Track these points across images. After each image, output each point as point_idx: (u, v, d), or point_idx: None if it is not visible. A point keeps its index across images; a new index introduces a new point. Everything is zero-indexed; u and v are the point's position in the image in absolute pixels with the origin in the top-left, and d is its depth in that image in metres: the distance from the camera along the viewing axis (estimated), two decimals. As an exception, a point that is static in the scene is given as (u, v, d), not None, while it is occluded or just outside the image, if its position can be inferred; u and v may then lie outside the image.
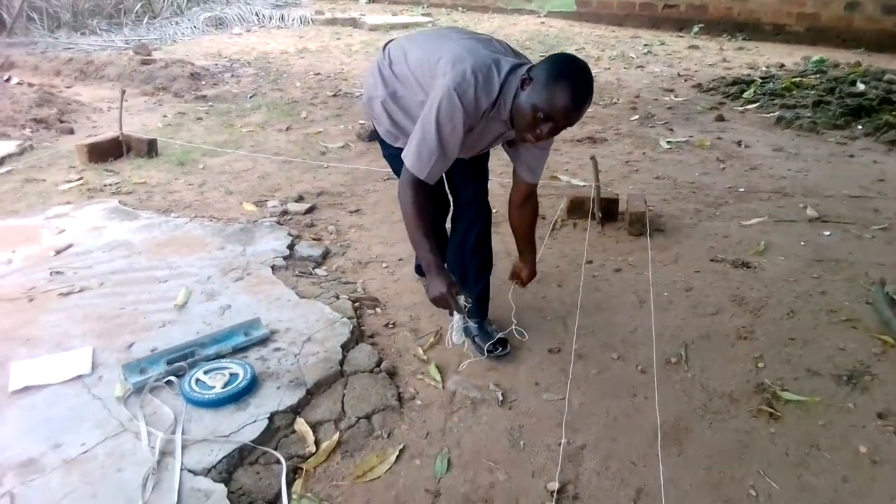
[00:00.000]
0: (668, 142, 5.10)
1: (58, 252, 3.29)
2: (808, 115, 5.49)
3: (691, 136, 5.23)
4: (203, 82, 7.01)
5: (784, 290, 3.02)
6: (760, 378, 2.43)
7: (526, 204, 2.40)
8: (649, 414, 2.24)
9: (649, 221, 3.60)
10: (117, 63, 7.25)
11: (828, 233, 3.57)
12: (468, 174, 2.45)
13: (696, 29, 9.59)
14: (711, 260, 3.30)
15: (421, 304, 2.91)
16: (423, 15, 12.35)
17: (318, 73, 7.79)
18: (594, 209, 3.64)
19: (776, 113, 5.65)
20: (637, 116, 5.83)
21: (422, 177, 2.01)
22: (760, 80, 6.59)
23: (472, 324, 2.58)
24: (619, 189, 4.04)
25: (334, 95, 6.73)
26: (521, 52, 2.18)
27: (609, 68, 7.73)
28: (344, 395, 2.33)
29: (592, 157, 3.58)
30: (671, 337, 2.69)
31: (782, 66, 7.46)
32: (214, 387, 2.25)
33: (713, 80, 6.86)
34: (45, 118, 5.37)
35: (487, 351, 2.49)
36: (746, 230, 3.63)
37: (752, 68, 7.46)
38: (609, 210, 3.69)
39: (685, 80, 7.07)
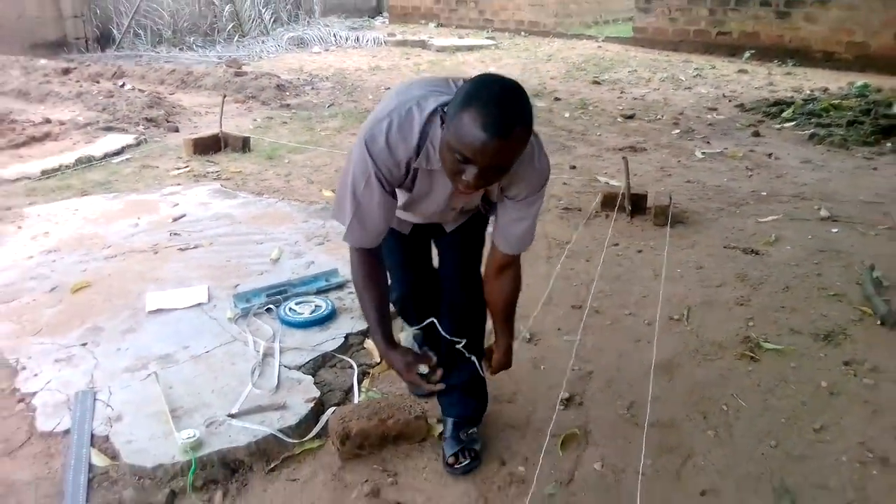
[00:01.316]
0: (703, 152, 5.56)
1: (174, 220, 4.02)
2: (841, 132, 5.86)
3: (726, 148, 5.68)
4: (287, 93, 7.82)
5: (784, 272, 3.47)
6: (748, 333, 2.91)
7: (502, 276, 1.96)
8: (648, 353, 2.75)
9: (673, 215, 4.10)
10: (213, 74, 8.17)
11: (835, 230, 3.99)
12: (448, 250, 2.15)
13: (747, 55, 9.95)
14: (724, 247, 3.78)
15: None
16: (487, 38, 13.04)
17: (388, 88, 8.53)
18: (624, 203, 4.16)
19: (811, 130, 6.03)
20: (678, 131, 6.30)
21: (348, 242, 1.79)
22: (802, 102, 6.96)
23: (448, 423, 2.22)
24: (650, 189, 4.54)
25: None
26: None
27: (658, 89, 8.21)
28: (402, 330, 2.92)
29: (624, 157, 4.12)
30: (678, 302, 3.19)
31: (826, 90, 7.79)
32: (303, 314, 2.89)
33: (756, 101, 7.26)
34: (154, 118, 6.23)
35: (446, 463, 2.14)
36: (761, 225, 4.08)
37: (796, 91, 7.81)
38: (637, 204, 4.20)
39: (729, 101, 7.49)
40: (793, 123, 6.38)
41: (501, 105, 1.42)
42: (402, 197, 1.79)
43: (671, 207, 4.08)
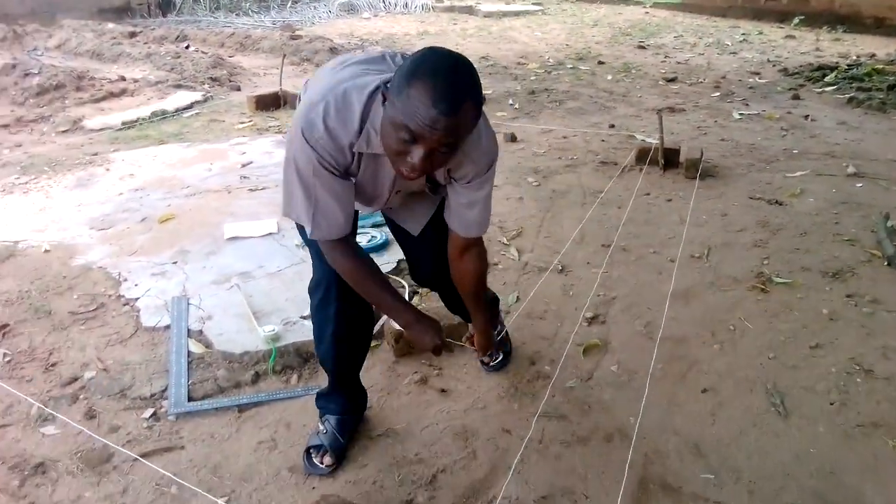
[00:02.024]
0: (741, 113, 5.75)
1: (243, 165, 4.45)
2: (881, 96, 5.96)
3: (763, 110, 5.85)
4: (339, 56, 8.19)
5: (804, 219, 3.72)
6: (762, 269, 3.19)
7: (466, 256, 1.92)
8: (668, 284, 3.06)
9: (704, 169, 4.35)
10: (270, 38, 8.59)
11: (860, 185, 4.19)
12: (420, 247, 2.08)
13: (796, 21, 9.92)
14: (750, 198, 4.03)
15: (508, 211, 3.83)
16: (534, 4, 13.15)
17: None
18: (657, 157, 4.43)
19: (851, 94, 6.14)
20: (718, 93, 6.47)
21: (317, 238, 1.65)
22: (845, 67, 7.02)
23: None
24: (685, 147, 4.78)
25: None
26: None
27: (702, 53, 8.32)
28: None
29: (658, 113, 4.38)
30: (700, 243, 3.48)
31: (873, 55, 7.80)
32: (361, 242, 3.27)
33: (800, 66, 7.34)
34: (218, 77, 6.68)
35: (482, 362, 2.46)
36: (788, 180, 4.31)
37: (842, 57, 7.84)
38: (670, 159, 4.46)
39: (773, 66, 7.58)
40: (834, 87, 6.49)
41: (450, 79, 1.34)
42: None
43: (702, 161, 4.33)
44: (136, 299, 2.89)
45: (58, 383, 2.42)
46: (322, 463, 2.01)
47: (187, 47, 7.88)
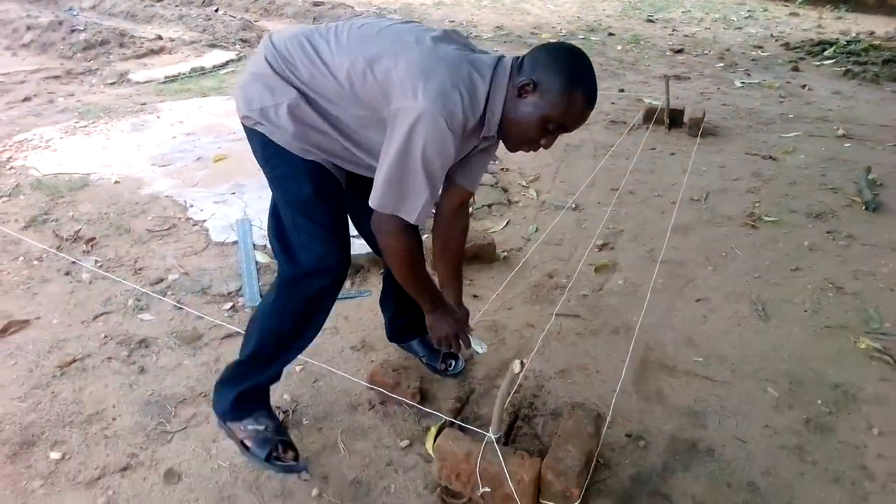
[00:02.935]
0: (742, 82, 6.12)
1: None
2: (875, 69, 6.32)
3: (764, 80, 6.22)
4: (360, 22, 8.54)
5: (794, 172, 4.12)
6: (753, 210, 3.60)
7: (458, 214, 1.95)
8: (670, 220, 3.47)
9: (706, 129, 4.74)
10: (293, 4, 8.92)
11: (847, 144, 4.59)
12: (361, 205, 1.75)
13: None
14: (746, 153, 4.43)
15: (526, 160, 4.23)
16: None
17: (452, 21, 9.17)
18: (663, 116, 4.81)
19: (847, 67, 6.50)
20: (722, 64, 6.83)
21: (412, 220, 1.60)
22: (844, 42, 7.37)
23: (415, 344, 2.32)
24: (689, 108, 5.16)
25: (466, 37, 8.08)
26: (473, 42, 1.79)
27: (709, 28, 8.66)
28: (475, 194, 3.70)
29: (665, 76, 4.76)
30: (699, 188, 3.88)
31: (872, 33, 8.13)
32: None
33: (802, 42, 7.68)
34: (248, 38, 7.04)
35: (439, 370, 2.31)
36: (783, 139, 4.70)
37: (843, 34, 8.17)
38: (675, 118, 4.84)
39: (776, 40, 7.92)
40: (832, 61, 6.84)
41: (595, 82, 1.57)
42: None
43: (704, 120, 4.72)
44: (204, 221, 3.30)
45: (147, 283, 2.85)
46: (288, 459, 1.87)
47: (216, 10, 8.23)
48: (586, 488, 1.85)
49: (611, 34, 8.21)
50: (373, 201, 1.58)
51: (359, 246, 2.73)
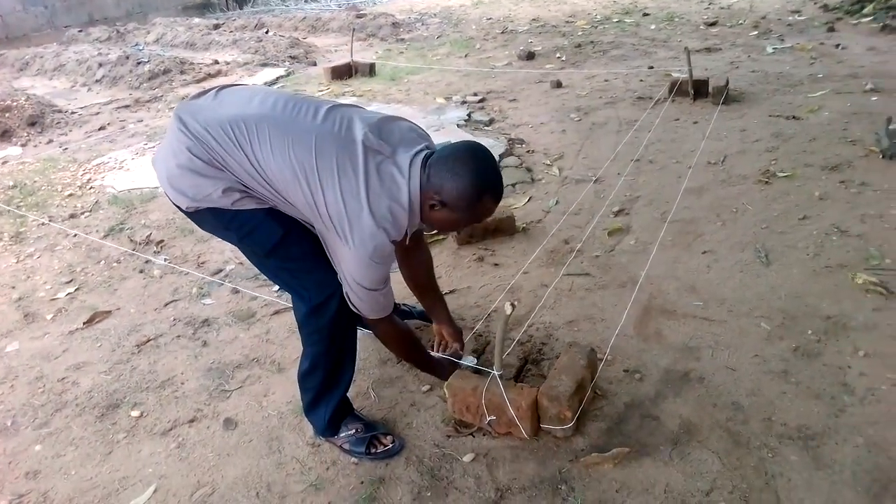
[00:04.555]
0: (774, 48, 6.14)
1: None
2: (916, 21, 6.21)
3: (797, 43, 6.21)
4: (401, 29, 8.92)
5: (816, 128, 4.19)
6: (768, 168, 3.72)
7: (417, 250, 2.19)
8: (685, 184, 3.64)
9: (731, 96, 4.85)
10: (338, 19, 9.41)
11: (874, 98, 4.60)
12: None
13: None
14: (769, 115, 4.52)
15: (551, 141, 4.45)
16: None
17: (489, 19, 9.44)
18: (687, 88, 4.94)
19: (885, 22, 6.41)
20: (756, 32, 6.84)
21: (387, 314, 1.86)
22: (886, -2, 7.22)
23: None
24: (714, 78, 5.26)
25: (502, 33, 8.35)
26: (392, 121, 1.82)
27: (747, -3, 8.61)
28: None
29: (686, 48, 4.89)
30: (718, 152, 4.02)
31: (918, -16, 7.91)
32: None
33: (841, 1, 7.57)
34: (296, 55, 7.52)
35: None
36: (809, 99, 4.75)
37: (886, -12, 7.98)
38: (699, 89, 4.96)
39: (815, 3, 7.82)
40: (870, 18, 6.74)
41: (500, 177, 1.76)
42: None
43: (727, 87, 4.83)
44: (256, 218, 3.68)
45: (208, 273, 3.25)
46: (385, 444, 2.07)
47: (267, 32, 8.79)
48: (584, 414, 2.10)
49: (645, 14, 8.29)
50: (352, 304, 1.80)
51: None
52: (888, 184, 3.37)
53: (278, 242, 1.80)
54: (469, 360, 2.30)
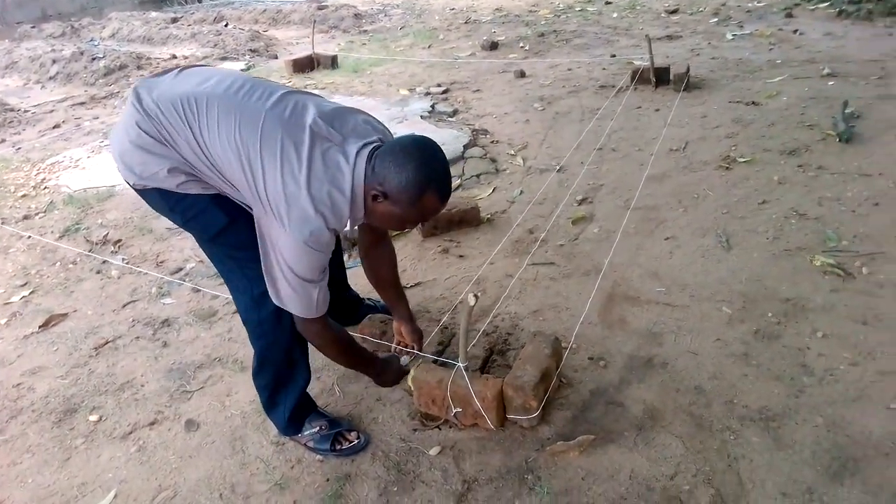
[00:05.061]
0: (734, 34, 6.21)
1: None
2: (870, 6, 6.32)
3: (756, 30, 6.29)
4: (364, 21, 8.83)
5: (774, 113, 4.25)
6: (729, 153, 3.76)
7: (378, 247, 2.13)
8: (647, 171, 3.66)
9: (692, 83, 4.89)
10: (299, 11, 9.29)
11: (831, 83, 4.68)
12: None
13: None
14: (729, 101, 4.56)
15: (515, 131, 4.45)
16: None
17: (453, 9, 9.40)
18: (649, 75, 4.97)
19: (841, 7, 6.52)
20: (716, 19, 6.91)
21: (315, 315, 1.73)
22: (842, -17, 7.34)
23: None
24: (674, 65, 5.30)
25: (465, 23, 8.31)
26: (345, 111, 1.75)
27: (707, -15, 8.69)
28: (464, 166, 3.96)
29: (647, 36, 4.91)
30: (679, 139, 4.05)
31: (872, -30, 8.06)
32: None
33: (800, -13, 7.68)
34: (257, 49, 7.41)
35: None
36: (768, 85, 4.81)
37: (842, -25, 8.12)
38: (661, 77, 5.00)
39: (774, -11, 7.93)
40: (827, 4, 6.85)
41: (448, 176, 1.67)
42: None
43: (688, 75, 4.87)
44: (216, 215, 3.62)
45: (167, 272, 3.18)
46: (354, 440, 2.05)
47: (226, 25, 8.64)
48: (549, 403, 2.10)
49: (608, 3, 8.33)
50: (277, 302, 1.71)
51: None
52: (844, 167, 3.43)
53: (222, 230, 1.79)
54: (405, 360, 2.21)
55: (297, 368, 2.05)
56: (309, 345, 2.01)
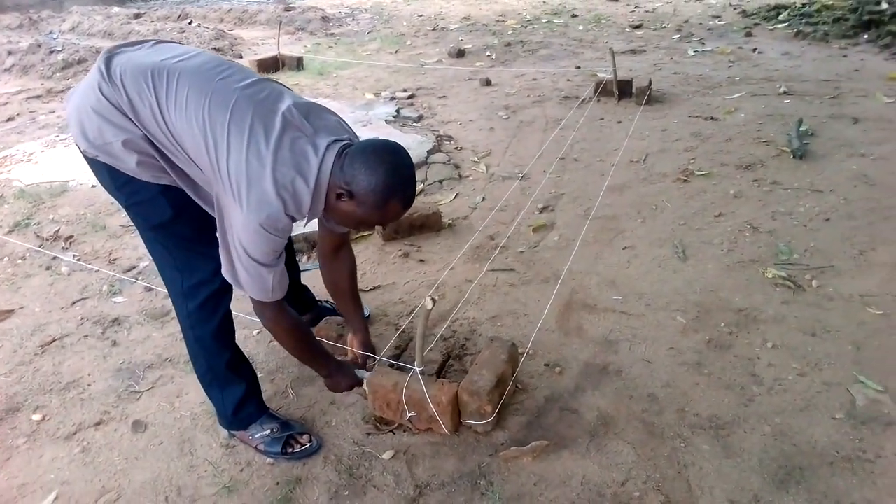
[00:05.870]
0: (695, 51, 6.34)
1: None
2: (826, 28, 6.53)
3: (717, 47, 6.43)
4: (331, 24, 8.79)
5: (732, 129, 4.34)
6: (687, 166, 3.83)
7: (339, 254, 2.10)
8: (608, 182, 3.70)
9: (654, 97, 4.97)
10: (266, 11, 9.20)
11: (787, 101, 4.81)
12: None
13: (763, -33, 10.41)
14: (689, 116, 4.66)
15: (480, 139, 4.46)
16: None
17: (421, 16, 9.42)
18: (612, 88, 5.04)
19: (798, 28, 6.71)
20: (678, 35, 7.05)
21: (271, 299, 1.71)
22: (799, 5, 7.56)
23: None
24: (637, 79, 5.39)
25: (433, 30, 8.34)
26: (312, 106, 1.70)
27: (670, 2, 8.88)
28: (427, 171, 3.95)
29: (610, 48, 4.99)
30: (640, 151, 4.11)
31: (830, -6, 8.33)
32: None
33: (759, 8, 7.89)
34: (221, 48, 7.30)
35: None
36: (726, 101, 4.92)
37: (802, -2, 8.38)
38: (623, 89, 5.07)
39: (735, 9, 8.14)
40: (785, 24, 7.05)
41: (413, 182, 1.63)
42: None
43: (650, 88, 4.95)
44: (173, 213, 3.55)
45: (120, 270, 3.11)
46: (305, 443, 2.03)
47: (190, 23, 8.51)
48: (504, 409, 2.10)
49: (574, 16, 8.44)
50: (233, 282, 1.68)
51: (313, 223, 3.00)
52: (797, 182, 3.51)
53: (164, 223, 1.76)
54: (363, 374, 2.12)
55: (232, 362, 2.02)
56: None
